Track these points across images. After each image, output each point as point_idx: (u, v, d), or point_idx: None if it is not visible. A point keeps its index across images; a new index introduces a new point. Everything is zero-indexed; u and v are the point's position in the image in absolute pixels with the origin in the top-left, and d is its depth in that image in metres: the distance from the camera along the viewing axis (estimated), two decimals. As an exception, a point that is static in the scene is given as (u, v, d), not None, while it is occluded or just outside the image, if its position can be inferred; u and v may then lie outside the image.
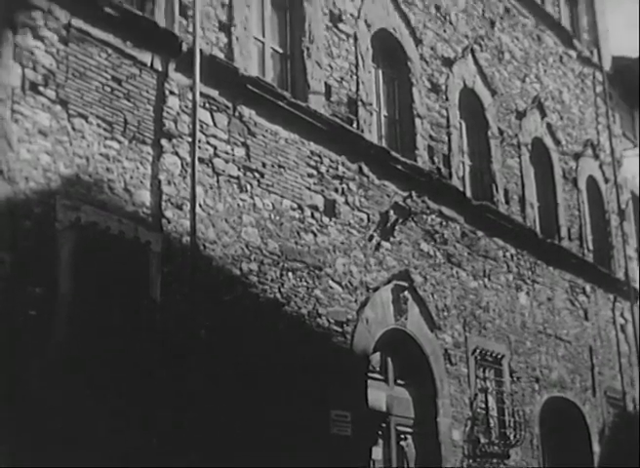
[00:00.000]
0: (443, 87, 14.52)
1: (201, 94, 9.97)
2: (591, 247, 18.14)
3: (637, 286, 19.51)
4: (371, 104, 12.88)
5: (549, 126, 17.61)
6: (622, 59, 20.85)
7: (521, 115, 16.66)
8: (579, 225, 17.87)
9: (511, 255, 15.41)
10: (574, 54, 19.52)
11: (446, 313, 13.33)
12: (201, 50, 10.06)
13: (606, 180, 19.46)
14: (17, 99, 8.07)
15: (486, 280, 14.53)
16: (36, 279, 7.91)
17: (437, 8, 14.85)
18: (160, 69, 9.61)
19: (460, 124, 15.03)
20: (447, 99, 14.56)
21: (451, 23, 15.14)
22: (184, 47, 9.88)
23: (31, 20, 8.29)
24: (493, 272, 14.75)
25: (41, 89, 8.30)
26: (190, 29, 10.06)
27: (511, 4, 17.31)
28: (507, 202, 15.60)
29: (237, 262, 10.05)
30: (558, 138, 17.81)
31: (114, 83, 9.04)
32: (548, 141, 17.49)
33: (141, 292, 8.91)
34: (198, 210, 9.63)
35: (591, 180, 18.96)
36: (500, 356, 14.30)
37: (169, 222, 9.32)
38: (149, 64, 9.49)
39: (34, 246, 7.94)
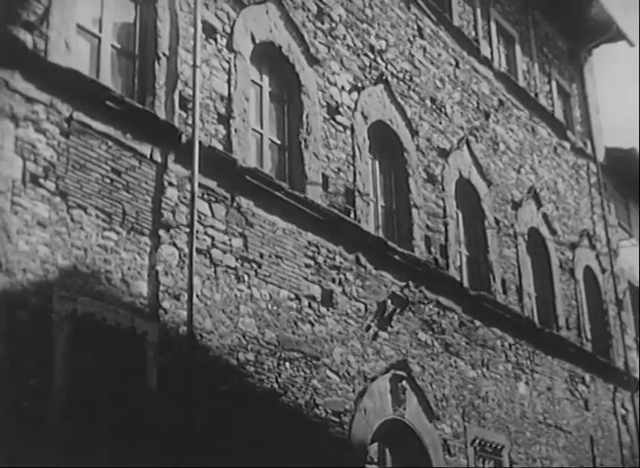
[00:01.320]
0: (439, 177, 14.68)
1: (200, 185, 10.06)
2: (590, 336, 18.11)
3: (637, 375, 19.41)
4: (368, 195, 12.99)
5: (545, 216, 17.77)
6: (616, 151, 21.17)
7: (517, 205, 16.82)
8: (576, 315, 17.88)
9: (510, 345, 15.37)
10: (568, 145, 19.82)
11: (444, 403, 13.23)
12: (200, 141, 10.17)
13: (603, 270, 19.55)
14: (17, 192, 8.14)
15: (484, 369, 14.47)
16: (31, 370, 7.87)
17: (432, 100, 15.11)
18: (159, 161, 9.72)
19: (457, 214, 15.16)
20: (443, 190, 14.70)
21: (446, 115, 15.39)
22: (184, 139, 10.01)
23: (33, 114, 8.42)
24: (491, 362, 14.70)
25: (41, 181, 8.38)
26: (190, 121, 10.18)
27: (505, 97, 17.64)
28: (505, 292, 15.62)
29: (234, 352, 10.02)
30: (554, 229, 17.95)
31: (114, 174, 9.14)
32: (545, 231, 17.62)
33: (138, 383, 8.86)
34: (195, 300, 9.63)
35: (588, 270, 19.03)
36: (499, 447, 14.15)
37: (166, 313, 9.32)
38: (149, 156, 9.60)
39: (30, 337, 7.92)
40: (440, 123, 15.14)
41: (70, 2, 9.08)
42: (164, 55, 10.17)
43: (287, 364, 10.68)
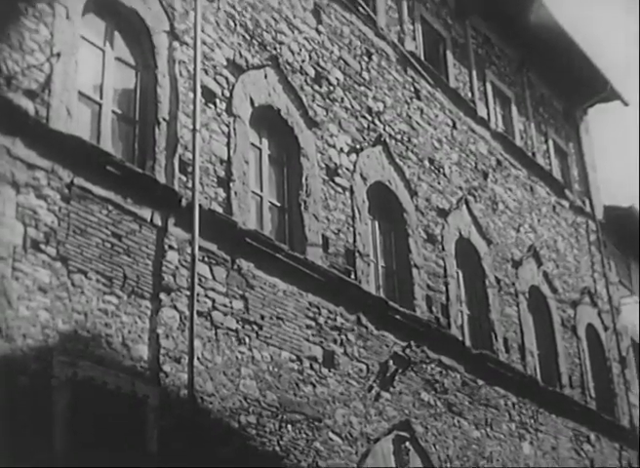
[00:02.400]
0: (439, 237, 14.75)
1: (200, 248, 10.11)
2: (594, 394, 18.02)
3: (642, 434, 19.26)
4: (368, 255, 13.04)
5: (546, 274, 17.79)
6: (615, 209, 21.29)
7: (517, 264, 16.86)
8: (580, 373, 17.80)
9: (513, 404, 15.29)
10: (566, 204, 19.94)
11: (449, 464, 13.12)
12: (200, 205, 10.24)
13: (605, 328, 19.50)
14: (18, 257, 8.19)
15: (488, 429, 14.37)
16: (31, 435, 7.84)
17: (431, 161, 15.24)
18: (160, 224, 9.78)
19: (458, 273, 15.18)
20: (443, 250, 14.75)
21: (445, 175, 15.51)
22: (184, 202, 10.08)
23: (35, 180, 8.50)
24: (495, 421, 14.61)
25: (42, 246, 8.43)
26: (190, 185, 10.26)
27: (503, 156, 17.79)
28: (507, 350, 15.58)
29: (235, 415, 9.98)
30: (555, 287, 17.97)
31: (114, 239, 9.19)
32: (545, 290, 17.63)
33: (139, 447, 8.81)
34: (196, 363, 9.62)
35: (591, 328, 19.00)
36: (505, 509, 14.01)
37: (166, 376, 9.31)
38: (149, 220, 9.66)
39: (30, 402, 7.90)
40: (439, 183, 15.26)
41: (72, 70, 9.23)
42: (164, 119, 10.29)
43: (289, 426, 10.63)
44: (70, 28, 9.38)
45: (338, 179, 12.84)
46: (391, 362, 12.66)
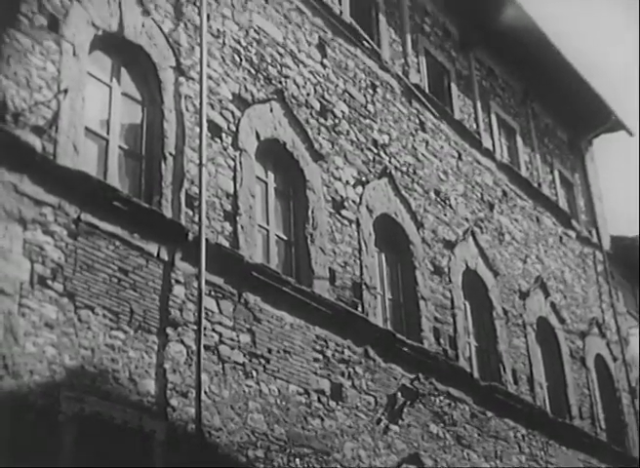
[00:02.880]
0: (446, 269, 14.74)
1: (207, 282, 10.11)
2: (604, 426, 17.90)
3: (654, 465, 19.11)
4: (375, 288, 13.02)
5: (553, 305, 17.75)
6: (621, 239, 21.27)
7: (525, 295, 16.83)
8: (589, 404, 17.71)
9: (522, 436, 15.20)
10: (573, 234, 19.93)
11: (458, 497, 13.05)
12: (207, 239, 10.25)
13: (614, 359, 19.42)
14: (25, 293, 8.20)
15: (498, 462, 14.28)
16: (38, 472, 7.83)
17: (437, 192, 15.27)
18: (166, 259, 9.79)
19: (465, 305, 15.16)
20: (450, 281, 14.74)
21: (451, 207, 15.53)
22: (190, 236, 10.09)
23: (42, 216, 8.53)
24: (505, 453, 14.51)
25: (49, 282, 8.45)
26: (196, 219, 10.28)
27: (509, 187, 17.83)
28: (516, 382, 15.52)
29: (243, 449, 9.94)
30: (563, 317, 17.92)
31: (121, 274, 9.21)
32: (553, 321, 17.58)
33: (146, 483, 8.79)
34: (204, 397, 9.60)
35: (599, 359, 18.92)
36: None
37: (174, 410, 9.28)
38: (156, 255, 9.67)
39: (37, 438, 7.88)
40: (445, 215, 15.27)
41: (79, 106, 9.30)
42: (170, 154, 10.34)
43: (297, 460, 10.57)
44: (77, 65, 9.45)
45: (344, 212, 12.87)
46: (399, 394, 12.61)
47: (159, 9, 10.86)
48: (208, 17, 11.45)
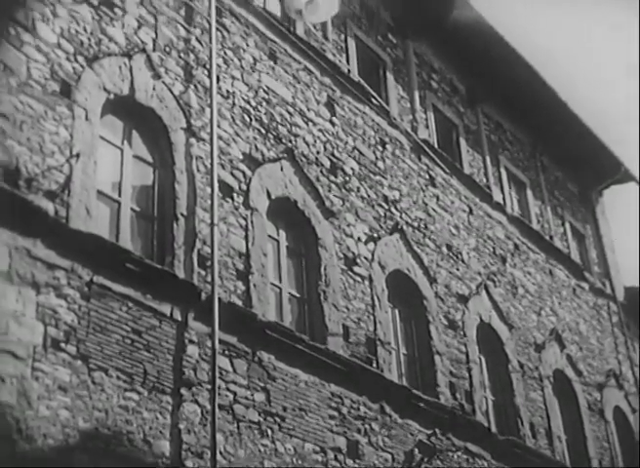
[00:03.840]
0: (460, 323, 14.70)
1: (220, 341, 10.09)
2: (625, 478, 17.70)
3: (677, 518, 18.82)
4: (389, 343, 12.99)
5: (569, 357, 17.65)
6: (635, 290, 21.18)
7: (540, 348, 16.75)
8: (610, 457, 17.53)
9: (543, 491, 15.03)
10: (586, 286, 19.89)
11: None
12: (220, 298, 10.25)
13: (633, 410, 19.25)
14: (38, 357, 8.21)
15: (519, 518, 14.11)
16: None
17: (449, 247, 15.30)
18: (180, 319, 9.81)
19: (480, 359, 15.09)
20: (465, 335, 14.69)
21: (463, 261, 15.55)
22: (203, 296, 10.11)
23: (55, 280, 8.59)
24: (525, 509, 14.34)
25: (62, 345, 8.46)
26: (209, 279, 10.30)
27: (521, 240, 17.85)
28: (534, 436, 15.38)
29: (260, 510, 9.86)
30: (580, 370, 17.80)
31: (134, 335, 9.22)
32: (570, 373, 17.47)
33: None
34: (219, 457, 9.53)
35: (618, 411, 18.75)
36: None
37: (189, 472, 9.24)
38: (169, 315, 9.69)
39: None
40: (457, 269, 15.29)
41: (91, 170, 9.40)
42: (182, 215, 10.42)
43: (315, 521, 10.48)
44: (89, 129, 9.58)
45: (356, 269, 12.89)
46: (417, 450, 12.51)
47: (169, 72, 11.02)
48: (218, 78, 11.60)
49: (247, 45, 12.52)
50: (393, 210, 14.22)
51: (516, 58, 17.82)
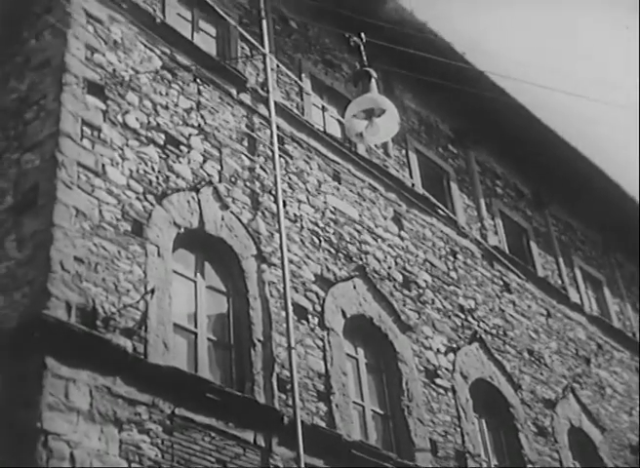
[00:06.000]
0: (550, 429, 14.39)
1: (306, 465, 9.94)
2: None
3: None
4: (479, 455, 12.75)
5: (668, 459, 17.07)
6: None
7: (636, 450, 16.23)
8: None
9: None
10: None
11: None
12: (302, 421, 10.20)
13: None
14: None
15: None
16: None
17: (530, 352, 15.11)
18: (263, 445, 9.76)
19: (574, 465, 14.68)
20: (556, 442, 14.35)
21: (546, 365, 15.31)
22: (286, 420, 10.08)
23: (136, 416, 8.66)
24: None
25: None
26: (290, 402, 10.28)
27: (603, 340, 17.56)
28: None
29: None
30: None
31: (219, 465, 9.17)
32: (671, 475, 16.87)
33: None
34: None
35: None
36: None
37: None
38: (252, 442, 9.66)
39: None
40: (541, 374, 15.04)
41: (166, 304, 9.59)
42: (259, 340, 10.49)
43: None
44: (162, 265, 9.81)
45: (438, 381, 12.77)
46: None
47: (236, 201, 11.29)
48: (284, 203, 11.83)
49: (310, 168, 12.80)
50: (470, 319, 14.15)
51: (577, 156, 17.86)
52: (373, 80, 8.08)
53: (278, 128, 12.42)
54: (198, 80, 11.73)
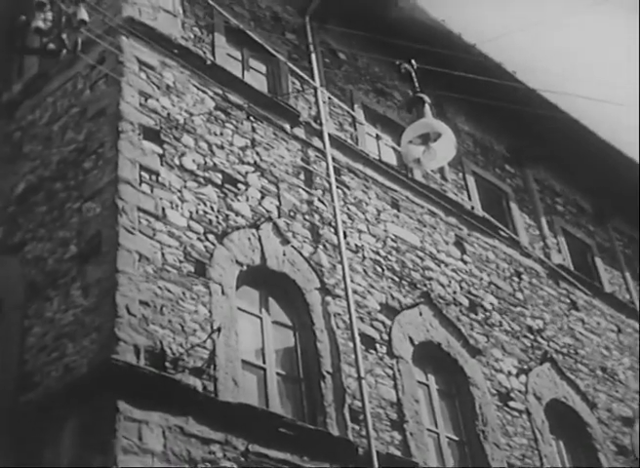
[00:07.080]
0: (630, 447, 14.11)
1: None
2: None
3: None
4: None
5: None
6: None
7: None
8: None
9: None
10: None
11: None
12: (377, 451, 10.15)
13: None
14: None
15: None
16: None
17: (603, 369, 14.90)
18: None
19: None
20: (637, 459, 14.06)
21: (621, 382, 15.07)
22: (361, 451, 10.04)
23: (210, 455, 8.67)
24: None
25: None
26: (364, 433, 10.25)
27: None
28: None
29: None
30: None
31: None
32: None
33: None
34: None
35: None
36: None
37: None
38: (328, 470, 9.67)
39: None
40: (617, 391, 14.81)
41: (233, 341, 9.64)
42: (328, 373, 10.48)
43: None
44: (227, 303, 9.88)
45: (512, 403, 12.64)
46: None
47: (297, 235, 11.34)
48: (345, 234, 11.85)
49: (369, 198, 12.82)
50: (539, 339, 13.99)
51: (634, 165, 17.62)
52: (427, 105, 8.08)
53: (334, 159, 12.47)
54: (251, 118, 11.85)
